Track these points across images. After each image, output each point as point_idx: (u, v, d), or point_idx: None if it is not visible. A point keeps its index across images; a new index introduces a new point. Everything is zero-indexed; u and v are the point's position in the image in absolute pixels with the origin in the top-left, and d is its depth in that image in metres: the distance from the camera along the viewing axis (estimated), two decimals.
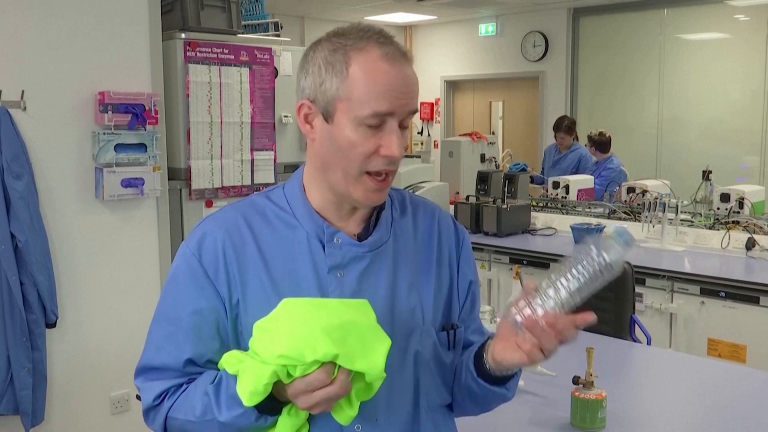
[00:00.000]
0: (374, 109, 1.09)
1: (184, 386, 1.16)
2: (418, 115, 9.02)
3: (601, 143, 5.98)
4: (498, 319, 2.96)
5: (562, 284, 1.08)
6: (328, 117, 1.12)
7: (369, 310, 1.09)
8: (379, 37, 1.13)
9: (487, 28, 8.36)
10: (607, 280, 1.08)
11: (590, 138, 6.04)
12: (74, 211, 3.14)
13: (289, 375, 1.03)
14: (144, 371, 1.20)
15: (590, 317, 1.08)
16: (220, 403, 1.09)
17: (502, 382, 1.22)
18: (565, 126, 6.36)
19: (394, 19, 8.41)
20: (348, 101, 1.10)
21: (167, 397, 1.17)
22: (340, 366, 1.03)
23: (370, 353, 1.04)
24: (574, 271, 1.07)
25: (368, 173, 1.12)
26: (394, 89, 1.10)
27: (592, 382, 2.08)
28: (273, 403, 1.08)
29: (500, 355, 1.14)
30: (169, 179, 3.47)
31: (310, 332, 1.02)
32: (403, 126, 1.14)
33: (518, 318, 1.09)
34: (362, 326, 1.06)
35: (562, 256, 4.13)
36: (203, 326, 1.16)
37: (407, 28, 9.03)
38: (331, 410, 1.08)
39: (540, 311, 1.08)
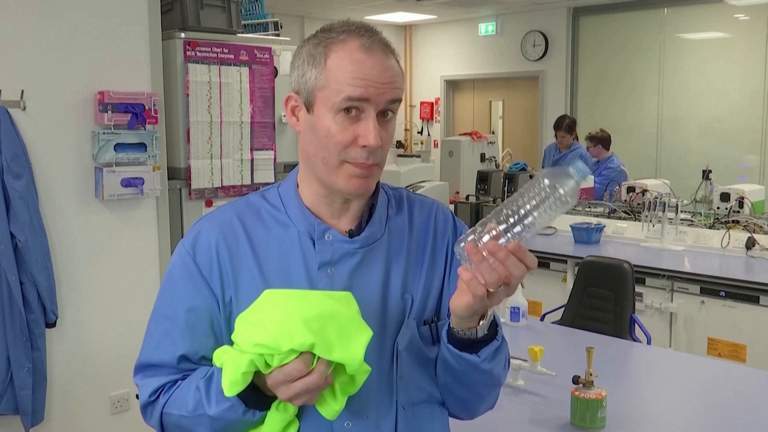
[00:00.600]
0: (348, 94, 1.09)
1: (179, 382, 1.18)
2: (418, 114, 9.03)
3: (604, 139, 6.00)
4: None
5: (508, 213, 1.01)
6: (309, 107, 1.14)
7: (352, 302, 1.09)
8: (361, 30, 1.14)
9: (487, 28, 8.36)
10: (558, 211, 1.00)
11: (593, 136, 6.05)
12: (74, 210, 3.14)
13: (267, 365, 1.03)
14: (142, 368, 1.22)
15: (529, 257, 1.02)
16: (210, 397, 1.10)
17: (471, 347, 1.14)
18: (565, 125, 6.37)
19: (394, 19, 8.41)
20: (325, 89, 1.11)
21: (163, 393, 1.18)
22: (319, 357, 1.02)
23: (349, 344, 1.03)
24: (521, 200, 1.00)
25: (348, 162, 1.13)
26: (369, 76, 1.10)
27: (592, 381, 2.08)
28: (261, 398, 1.08)
29: (452, 303, 1.09)
30: (168, 179, 3.47)
31: (288, 322, 1.02)
32: (384, 117, 1.13)
33: (462, 245, 1.02)
34: (342, 317, 1.05)
35: (562, 255, 4.11)
36: (198, 324, 1.17)
37: (407, 28, 9.03)
38: (316, 404, 1.08)
39: (486, 238, 1.01)
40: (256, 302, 1.09)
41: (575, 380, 2.11)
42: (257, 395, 1.08)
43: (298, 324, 1.01)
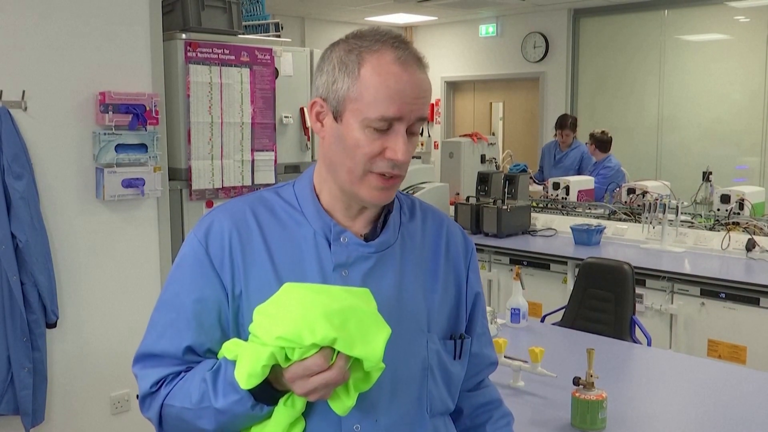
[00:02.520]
0: (382, 113, 1.09)
1: (182, 374, 1.16)
2: None
3: (603, 141, 6.01)
4: (498, 320, 2.96)
5: None
6: (337, 116, 1.13)
7: (370, 299, 1.09)
8: (395, 41, 1.13)
9: (487, 29, 8.37)
10: None
11: (593, 136, 6.06)
12: (75, 211, 3.14)
13: (287, 359, 1.03)
14: (143, 358, 1.19)
15: None
16: (217, 389, 1.09)
17: None
18: (570, 123, 6.41)
19: (394, 20, 8.41)
20: (357, 102, 1.11)
21: (164, 384, 1.16)
22: (338, 352, 1.02)
23: (370, 340, 1.03)
24: None
25: (372, 172, 1.13)
26: (404, 94, 1.10)
27: (593, 383, 2.08)
28: (270, 392, 1.07)
29: None
30: (169, 179, 3.47)
31: (310, 316, 1.02)
32: (412, 132, 1.13)
33: None
34: (363, 313, 1.05)
35: (562, 257, 4.13)
36: (205, 315, 1.15)
37: (408, 29, 9.03)
38: (329, 399, 1.07)
39: None
40: (276, 295, 1.08)
41: (576, 381, 2.11)
42: (267, 389, 1.07)
43: (320, 318, 1.01)
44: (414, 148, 1.16)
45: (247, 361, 1.05)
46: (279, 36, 4.05)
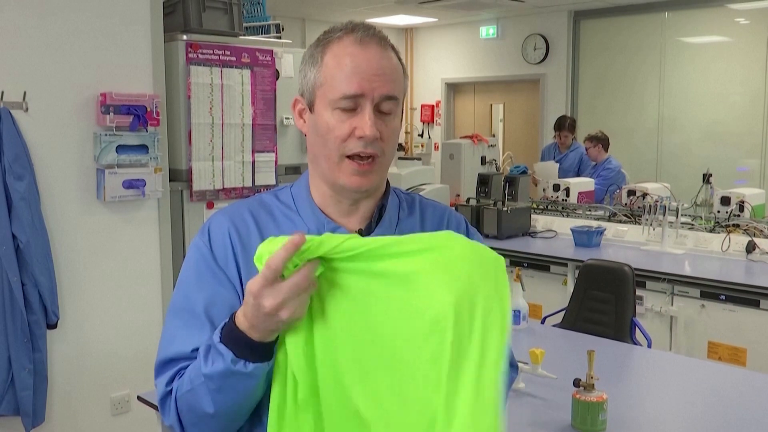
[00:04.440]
0: (343, 91, 1.11)
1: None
2: (418, 117, 9.04)
3: (605, 140, 6.03)
4: None
5: None
6: (311, 107, 1.17)
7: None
8: (358, 27, 1.16)
9: (487, 31, 8.37)
10: None
11: (593, 136, 6.05)
12: (75, 212, 3.14)
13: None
14: (160, 367, 1.16)
15: None
16: (207, 357, 1.05)
17: None
18: (568, 124, 6.40)
19: (395, 22, 8.42)
20: (323, 87, 1.14)
21: (176, 379, 1.12)
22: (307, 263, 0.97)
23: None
24: None
25: (349, 157, 1.14)
26: (362, 70, 1.12)
27: (593, 384, 2.09)
28: (248, 343, 1.01)
29: None
30: (170, 180, 3.47)
31: None
32: (381, 111, 1.14)
33: None
34: None
35: (562, 258, 4.11)
36: (217, 313, 1.13)
37: (408, 31, 9.03)
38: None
39: None
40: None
41: (576, 383, 2.11)
42: (243, 340, 1.01)
43: None
44: (391, 130, 1.16)
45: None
46: (280, 37, 4.06)
